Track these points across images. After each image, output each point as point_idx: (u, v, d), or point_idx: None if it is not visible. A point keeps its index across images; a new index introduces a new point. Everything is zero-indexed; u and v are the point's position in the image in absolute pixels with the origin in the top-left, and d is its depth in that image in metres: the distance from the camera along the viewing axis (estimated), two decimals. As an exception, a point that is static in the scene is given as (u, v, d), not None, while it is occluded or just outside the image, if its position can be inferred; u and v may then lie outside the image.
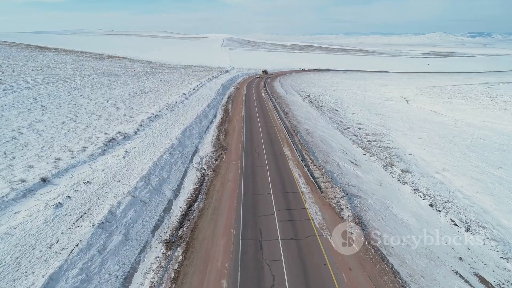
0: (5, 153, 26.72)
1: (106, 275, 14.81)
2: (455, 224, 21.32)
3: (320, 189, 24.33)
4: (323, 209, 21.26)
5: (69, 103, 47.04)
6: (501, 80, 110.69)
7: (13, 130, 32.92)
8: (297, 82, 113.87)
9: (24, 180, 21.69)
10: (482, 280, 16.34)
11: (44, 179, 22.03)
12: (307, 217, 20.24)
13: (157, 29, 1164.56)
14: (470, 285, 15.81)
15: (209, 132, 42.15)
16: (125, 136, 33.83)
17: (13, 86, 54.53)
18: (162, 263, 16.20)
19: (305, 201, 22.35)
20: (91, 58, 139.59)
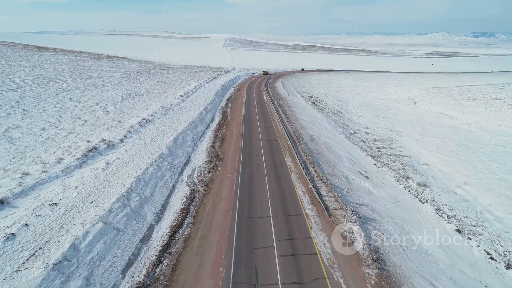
0: (-34, 167, 23.38)
1: None
2: (492, 258, 17.67)
3: (328, 211, 20.80)
4: (333, 239, 17.71)
5: (55, 107, 43.68)
6: (509, 81, 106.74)
7: (-17, 139, 29.55)
8: (300, 83, 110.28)
9: (-24, 203, 18.32)
10: None
11: (2, 201, 18.62)
12: (314, 251, 16.68)
13: (159, 29, 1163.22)
14: None
15: (204, 139, 38.69)
16: (109, 145, 30.41)
17: (-2, 88, 51.36)
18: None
19: (311, 227, 18.81)
20: (89, 58, 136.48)
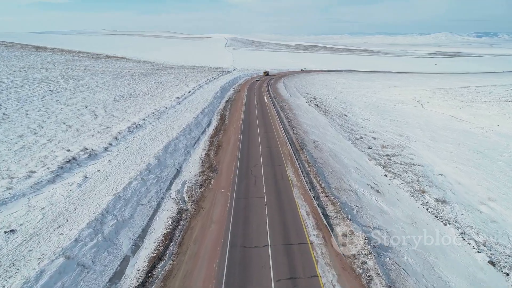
0: None
1: None
2: (539, 302, 14.56)
3: (337, 239, 17.67)
4: (343, 278, 14.56)
5: (39, 110, 40.74)
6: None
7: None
8: (302, 84, 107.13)
9: None
10: None
11: None
12: (321, 295, 13.60)
13: (161, 29, 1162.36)
14: None
15: (199, 146, 35.62)
16: (91, 154, 27.37)
17: (-18, 90, 48.55)
18: None
19: (317, 261, 15.66)
20: (87, 58, 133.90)
